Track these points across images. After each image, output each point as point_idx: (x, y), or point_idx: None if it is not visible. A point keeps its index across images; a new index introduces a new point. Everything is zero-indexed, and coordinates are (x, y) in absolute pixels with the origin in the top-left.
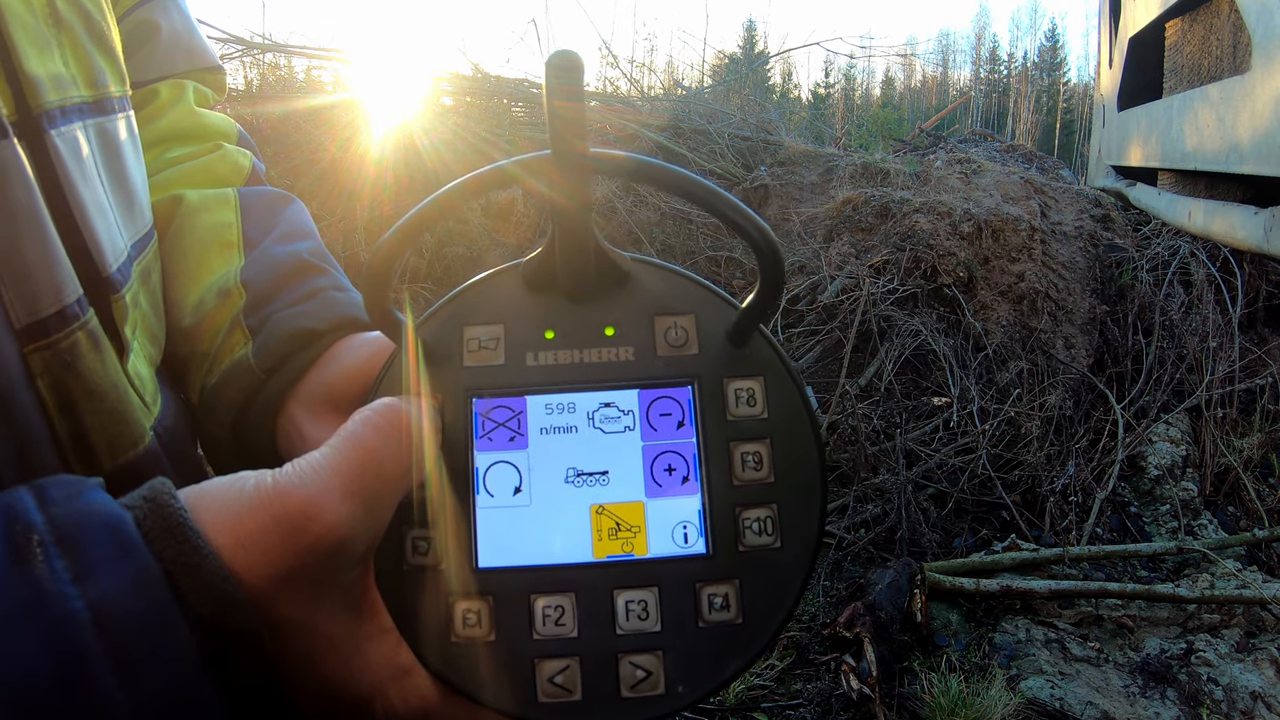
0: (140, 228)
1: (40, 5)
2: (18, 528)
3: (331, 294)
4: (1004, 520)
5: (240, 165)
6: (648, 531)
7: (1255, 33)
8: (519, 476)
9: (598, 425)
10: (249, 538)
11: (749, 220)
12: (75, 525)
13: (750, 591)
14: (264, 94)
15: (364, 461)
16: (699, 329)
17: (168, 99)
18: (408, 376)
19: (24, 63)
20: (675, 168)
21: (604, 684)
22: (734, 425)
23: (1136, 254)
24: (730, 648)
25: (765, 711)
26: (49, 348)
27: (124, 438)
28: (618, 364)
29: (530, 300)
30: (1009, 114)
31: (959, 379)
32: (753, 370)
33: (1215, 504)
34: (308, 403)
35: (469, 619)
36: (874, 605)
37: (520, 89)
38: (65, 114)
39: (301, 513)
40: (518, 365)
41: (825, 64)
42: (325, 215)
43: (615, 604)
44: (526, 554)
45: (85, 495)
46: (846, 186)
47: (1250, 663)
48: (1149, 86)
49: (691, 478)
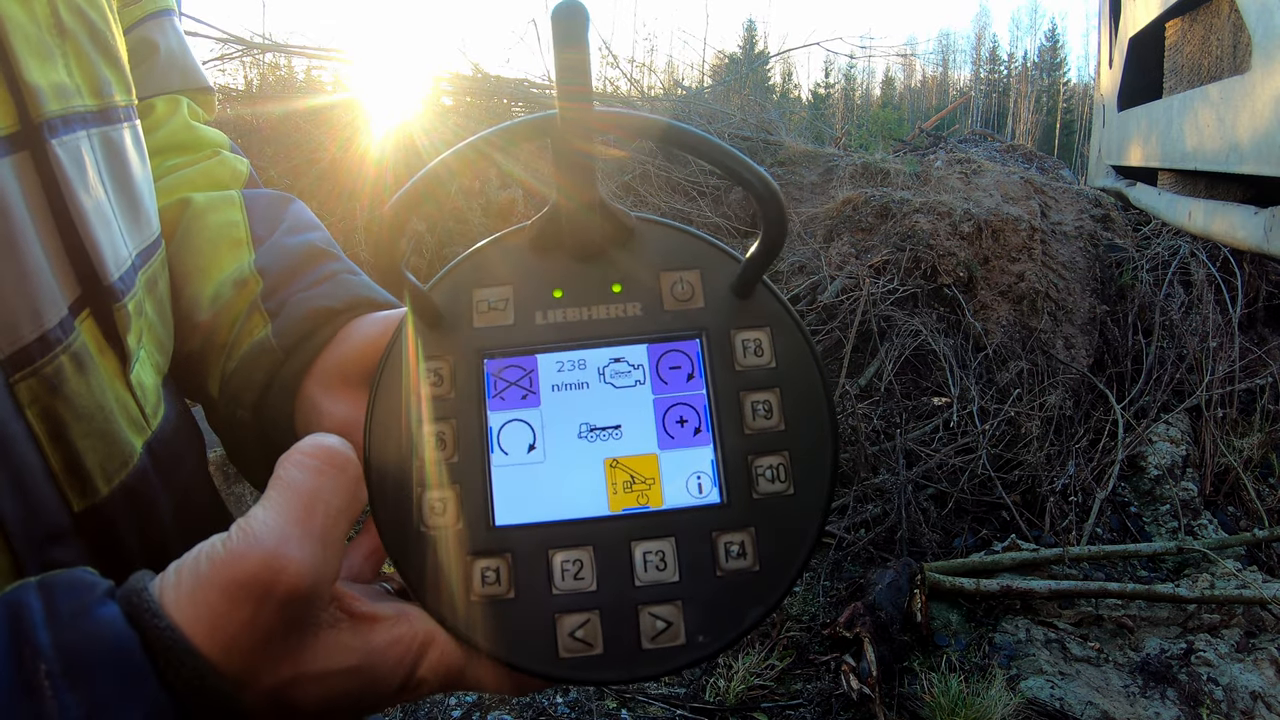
0: (146, 236)
1: (44, 15)
2: (25, 651)
3: (345, 276)
4: (1004, 520)
5: (239, 170)
6: (662, 483)
7: (1255, 33)
8: (532, 434)
9: (608, 380)
10: (222, 623)
11: (750, 170)
12: (84, 655)
13: (766, 538)
14: (264, 94)
15: (309, 503)
16: (704, 283)
17: (164, 113)
18: (405, 347)
19: (25, 72)
20: (677, 122)
21: (625, 636)
22: (743, 375)
23: (1136, 254)
24: (749, 595)
25: (765, 711)
26: (34, 374)
27: (114, 458)
28: (626, 319)
29: (537, 261)
30: (1009, 114)
31: (959, 379)
32: (759, 321)
33: (1215, 504)
34: (323, 379)
35: (488, 577)
36: (874, 605)
37: (520, 89)
38: (68, 123)
39: (267, 570)
40: (527, 324)
41: (825, 64)
42: (325, 215)
43: (633, 556)
44: (543, 510)
45: (94, 613)
46: (846, 186)
47: (1250, 663)
48: (1149, 86)
49: (703, 428)
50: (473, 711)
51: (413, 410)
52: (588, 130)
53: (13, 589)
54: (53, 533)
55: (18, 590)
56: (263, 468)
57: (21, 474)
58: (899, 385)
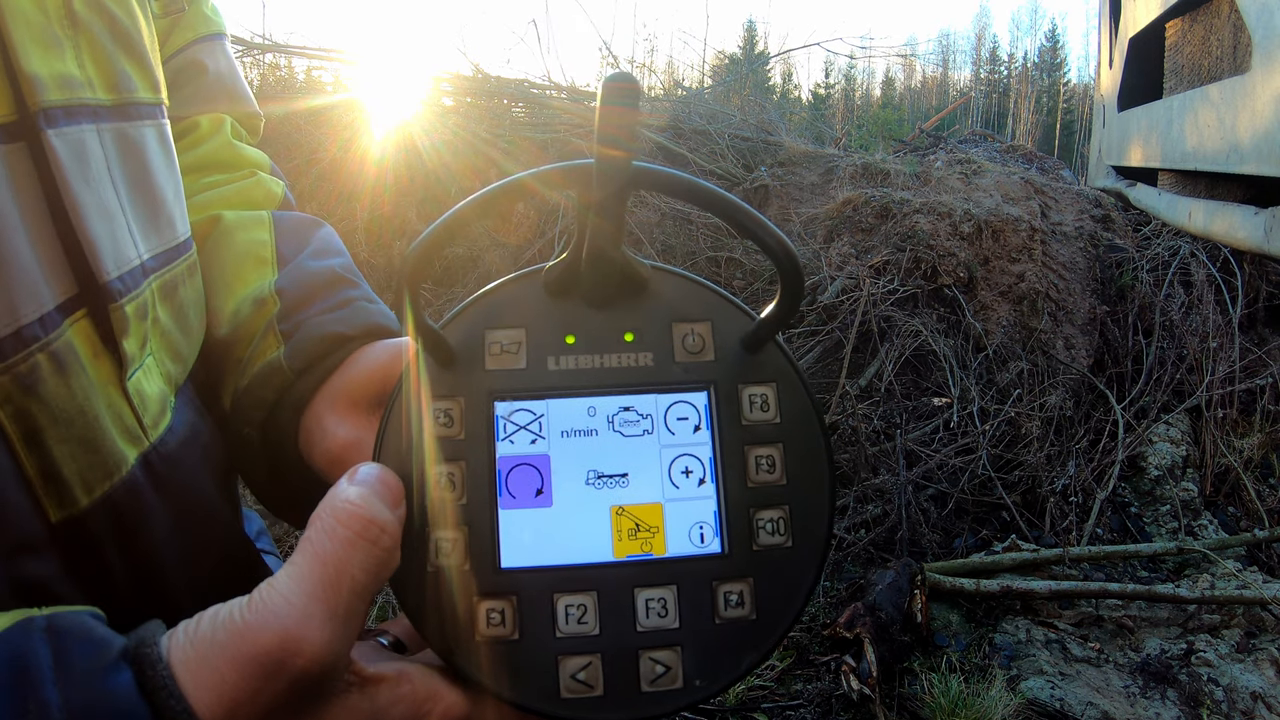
0: (167, 240)
1: (54, 5)
2: (31, 705)
3: (363, 304)
4: (1004, 521)
5: (274, 192)
6: (666, 532)
7: (1255, 33)
8: (541, 478)
9: (617, 429)
10: (230, 693)
11: (774, 238)
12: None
13: (764, 589)
14: (264, 94)
15: (336, 577)
16: (715, 335)
17: (208, 130)
18: (409, 387)
19: (24, 62)
20: (710, 186)
21: (625, 679)
22: (748, 429)
23: (1137, 254)
24: (745, 643)
25: (765, 712)
26: (6, 371)
27: (97, 468)
28: (637, 369)
29: (551, 305)
30: (1009, 114)
31: (959, 379)
32: (766, 377)
33: (1215, 504)
34: (330, 400)
35: (493, 618)
36: (874, 606)
37: (521, 89)
38: (70, 114)
39: (282, 650)
40: (539, 369)
41: (825, 64)
42: (326, 216)
43: (636, 602)
44: (549, 554)
45: (108, 679)
46: (847, 187)
47: (1250, 663)
48: (1149, 86)
49: (708, 480)
50: None
51: (423, 450)
52: (624, 184)
53: (13, 627)
54: (24, 542)
55: (22, 632)
56: (268, 486)
57: None
58: (899, 385)
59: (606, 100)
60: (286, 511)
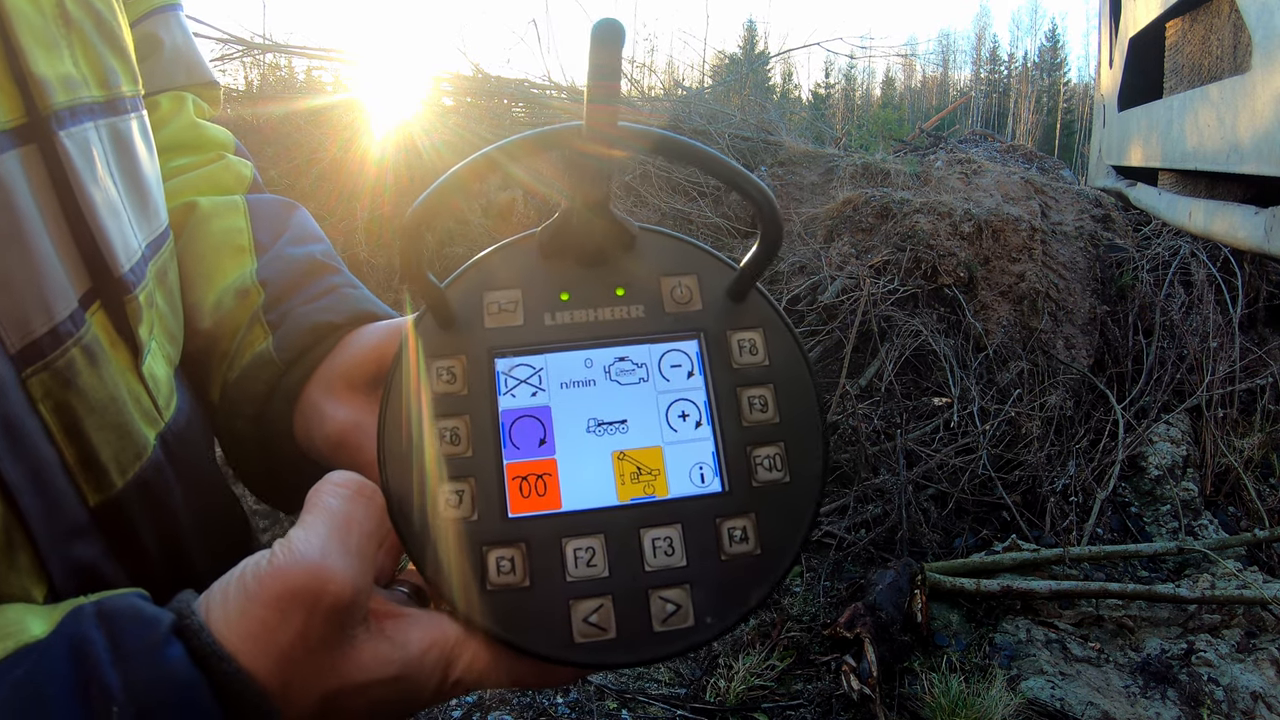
0: (155, 227)
1: (50, 6)
2: (93, 690)
3: (346, 290)
4: (1004, 520)
5: (243, 175)
6: (667, 473)
7: (1255, 33)
8: (543, 429)
9: (614, 378)
10: (274, 637)
11: (753, 185)
12: (155, 700)
13: (766, 524)
14: (264, 94)
15: (345, 524)
16: (701, 287)
17: (169, 110)
18: (406, 352)
19: (32, 64)
20: (689, 140)
21: (637, 620)
22: (739, 372)
23: (1137, 254)
24: (751, 577)
25: (765, 712)
26: (46, 368)
27: (128, 450)
28: (629, 321)
29: (545, 266)
30: (1009, 114)
31: (959, 379)
32: (753, 323)
33: (1216, 504)
34: (325, 385)
35: (503, 566)
36: (874, 605)
37: (521, 89)
38: (75, 115)
39: (314, 580)
40: (536, 325)
41: (825, 64)
42: (325, 216)
43: (643, 542)
44: (555, 501)
45: (164, 656)
46: (847, 187)
47: (1251, 663)
48: (1149, 86)
49: (704, 422)
50: (473, 712)
51: (426, 407)
52: (610, 137)
53: (66, 617)
54: (73, 528)
55: (75, 620)
56: (263, 476)
57: (39, 470)
58: (899, 385)
59: (593, 53)
60: (277, 498)
